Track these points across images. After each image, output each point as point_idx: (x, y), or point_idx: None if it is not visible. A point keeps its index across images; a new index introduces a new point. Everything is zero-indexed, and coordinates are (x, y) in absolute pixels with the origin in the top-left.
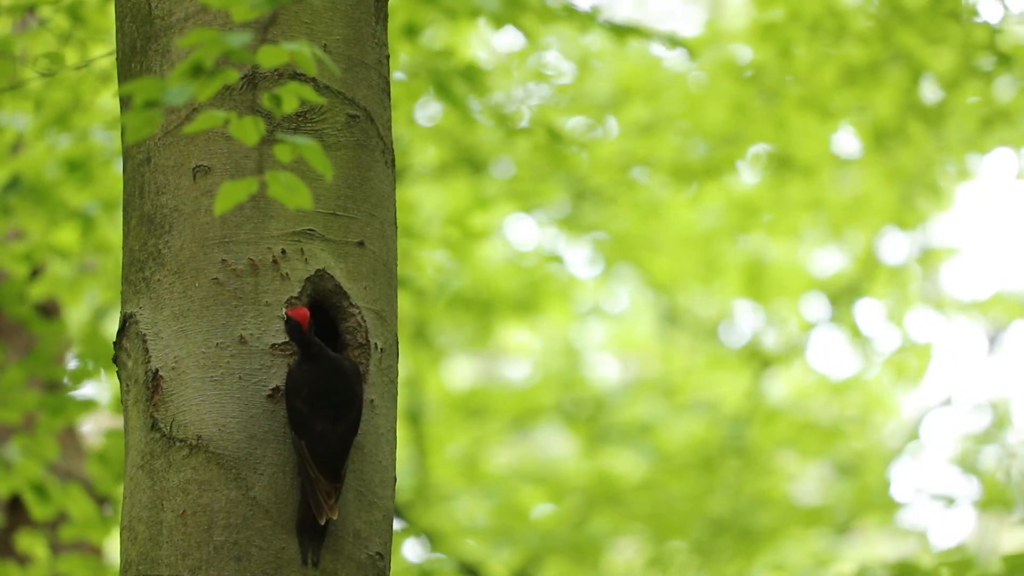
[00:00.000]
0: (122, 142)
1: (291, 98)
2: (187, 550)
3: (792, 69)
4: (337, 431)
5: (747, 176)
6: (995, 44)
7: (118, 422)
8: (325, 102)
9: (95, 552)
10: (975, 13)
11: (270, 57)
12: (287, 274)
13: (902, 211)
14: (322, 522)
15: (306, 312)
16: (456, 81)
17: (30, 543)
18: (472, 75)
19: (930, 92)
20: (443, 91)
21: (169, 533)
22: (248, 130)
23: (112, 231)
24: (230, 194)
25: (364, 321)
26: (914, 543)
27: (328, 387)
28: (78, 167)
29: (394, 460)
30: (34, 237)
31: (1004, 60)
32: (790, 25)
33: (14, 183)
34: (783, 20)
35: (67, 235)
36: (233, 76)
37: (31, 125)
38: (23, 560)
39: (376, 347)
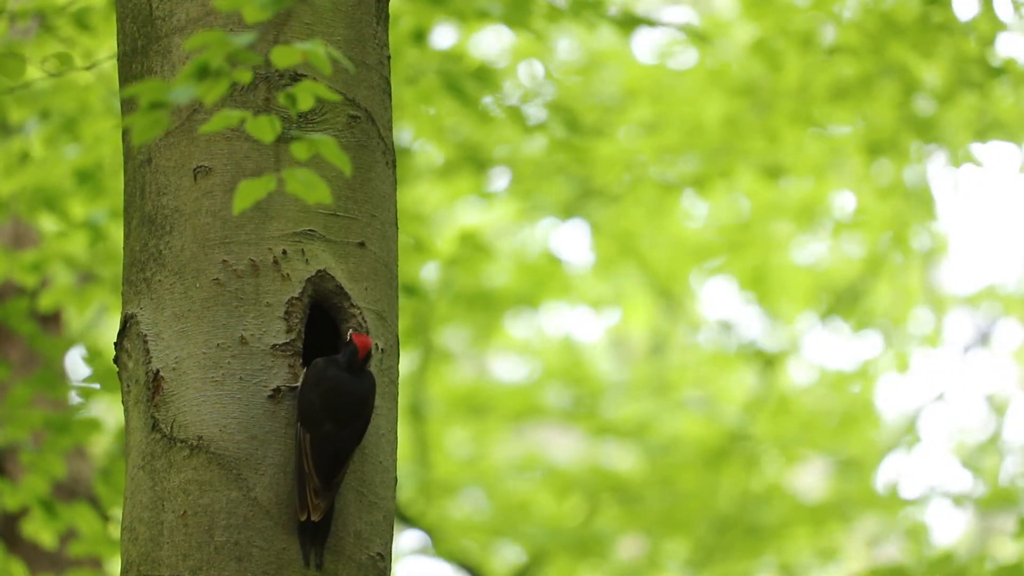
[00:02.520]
0: (123, 144)
1: (306, 96)
2: (188, 551)
3: (783, 82)
4: (342, 435)
5: (741, 188)
6: (987, 57)
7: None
8: (340, 99)
9: (95, 565)
10: (967, 26)
11: (283, 57)
12: (288, 275)
13: (898, 224)
14: (302, 518)
15: (368, 343)
16: (468, 83)
17: (36, 529)
18: (484, 76)
19: (923, 105)
20: (456, 93)
21: (170, 534)
22: (264, 129)
23: (121, 239)
24: (248, 192)
25: (365, 322)
26: (911, 540)
27: (346, 391)
28: (88, 178)
29: (395, 461)
30: (44, 244)
31: (996, 72)
32: (781, 38)
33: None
34: (773, 33)
35: (76, 244)
36: (246, 77)
37: (39, 133)
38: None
39: (377, 348)
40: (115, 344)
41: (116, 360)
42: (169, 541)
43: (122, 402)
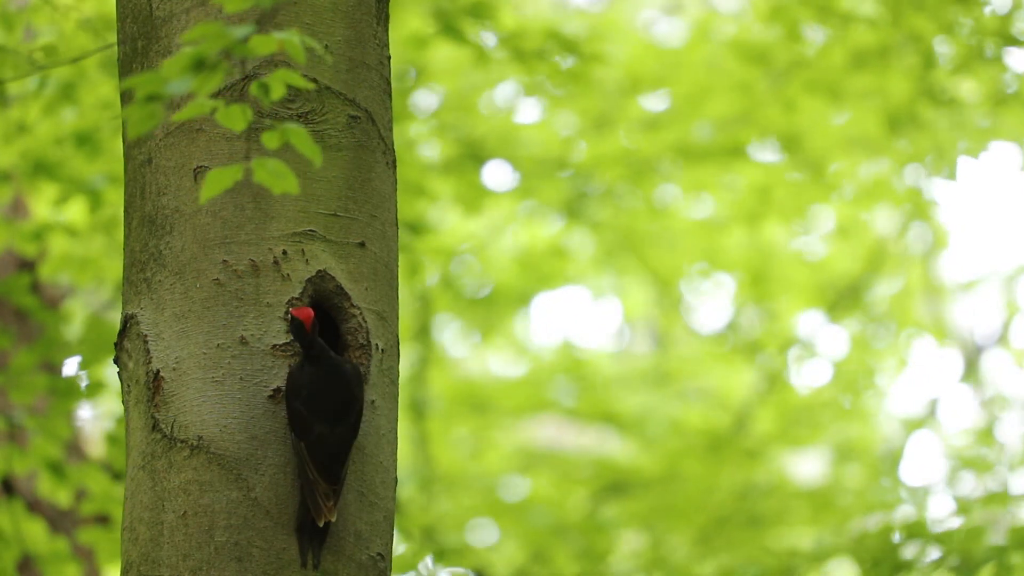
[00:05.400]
0: (123, 143)
1: (279, 85)
2: (188, 551)
3: (800, 51)
4: (336, 433)
5: (756, 158)
6: (1005, 29)
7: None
8: (313, 88)
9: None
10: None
11: (261, 45)
12: (288, 275)
13: (914, 196)
14: (320, 524)
15: (310, 312)
16: (465, 20)
17: (53, 489)
18: (480, 12)
19: (942, 76)
20: (451, 31)
21: (170, 534)
22: (236, 118)
23: (120, 206)
24: (216, 181)
25: (365, 322)
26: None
27: (327, 389)
28: (86, 140)
29: (395, 461)
30: (41, 214)
31: (1014, 43)
32: (798, 7)
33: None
34: (791, 2)
35: (75, 210)
36: (234, 71)
37: (37, 96)
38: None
39: (377, 348)
40: (115, 344)
41: (116, 360)
42: (169, 541)
43: (122, 402)
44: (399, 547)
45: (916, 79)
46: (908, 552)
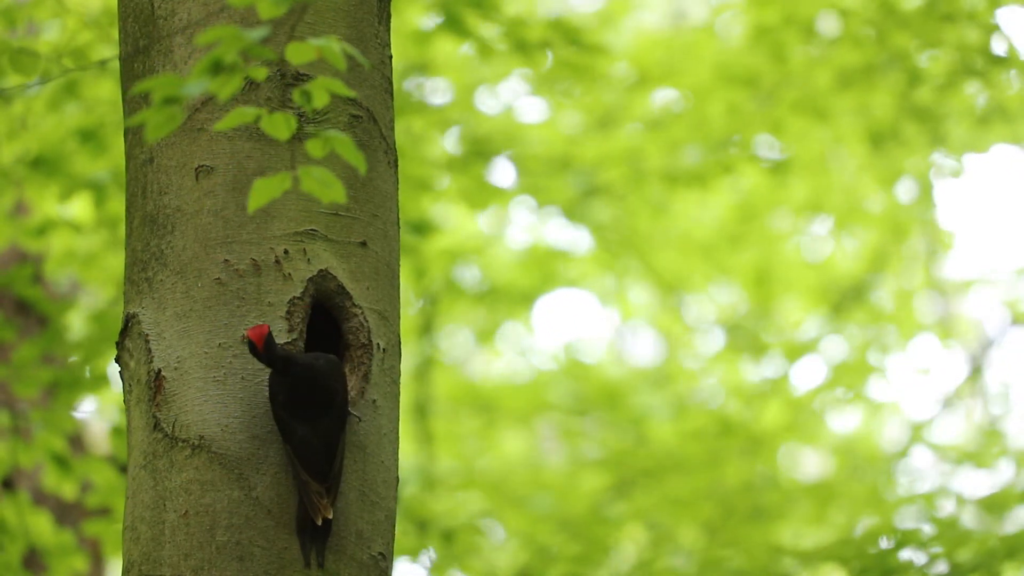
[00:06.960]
0: (125, 142)
1: (321, 93)
2: (189, 550)
3: (786, 71)
4: (318, 432)
5: (746, 177)
6: (989, 46)
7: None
8: (355, 95)
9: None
10: (970, 17)
11: (297, 53)
12: (290, 274)
13: (899, 212)
14: (318, 522)
15: (263, 330)
16: (467, 11)
17: (58, 482)
18: (482, 2)
19: (926, 94)
20: (454, 23)
21: (172, 533)
22: (280, 126)
23: (122, 204)
24: (263, 191)
25: (366, 321)
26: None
27: (301, 391)
28: (90, 136)
29: (397, 460)
30: (45, 211)
31: (999, 60)
32: (784, 28)
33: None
34: (778, 22)
35: (79, 207)
36: (261, 73)
37: (40, 94)
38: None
39: (378, 347)
40: (117, 344)
41: (118, 359)
42: (171, 541)
43: (124, 402)
44: (400, 537)
45: (900, 96)
46: (899, 557)
